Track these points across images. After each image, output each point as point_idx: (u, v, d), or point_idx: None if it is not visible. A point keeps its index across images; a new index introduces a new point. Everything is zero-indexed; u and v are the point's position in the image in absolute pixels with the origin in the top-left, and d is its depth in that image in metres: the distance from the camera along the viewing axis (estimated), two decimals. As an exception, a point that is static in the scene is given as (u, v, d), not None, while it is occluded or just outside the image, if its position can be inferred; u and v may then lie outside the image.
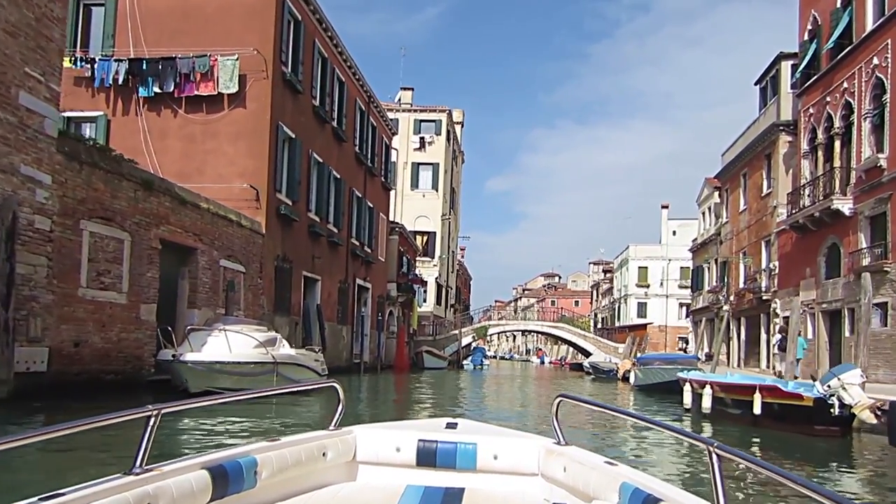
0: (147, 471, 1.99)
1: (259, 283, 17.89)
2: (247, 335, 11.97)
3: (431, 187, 46.75)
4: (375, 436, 2.92)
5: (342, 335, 25.71)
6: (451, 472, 2.84)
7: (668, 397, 19.25)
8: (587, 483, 2.46)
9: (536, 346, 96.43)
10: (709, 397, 12.57)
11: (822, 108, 23.94)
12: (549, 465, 2.75)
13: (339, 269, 25.16)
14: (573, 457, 2.65)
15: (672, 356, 24.07)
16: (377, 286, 31.01)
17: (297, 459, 2.57)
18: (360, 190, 27.71)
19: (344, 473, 2.88)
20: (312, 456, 2.66)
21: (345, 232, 25.60)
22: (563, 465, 2.64)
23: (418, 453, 2.83)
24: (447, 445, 2.84)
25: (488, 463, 2.83)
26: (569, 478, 2.59)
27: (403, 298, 35.96)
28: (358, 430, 2.96)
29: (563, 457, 2.69)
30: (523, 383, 31.05)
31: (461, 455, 2.82)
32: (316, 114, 22.07)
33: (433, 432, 2.92)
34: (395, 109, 47.21)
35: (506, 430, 3.21)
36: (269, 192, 18.36)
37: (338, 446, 2.80)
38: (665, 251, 61.23)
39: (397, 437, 2.89)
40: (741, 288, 32.03)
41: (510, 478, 2.84)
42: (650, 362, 22.26)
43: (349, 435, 2.90)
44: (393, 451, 2.86)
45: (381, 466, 2.90)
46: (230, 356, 11.48)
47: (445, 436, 2.89)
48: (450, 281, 53.81)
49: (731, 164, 33.69)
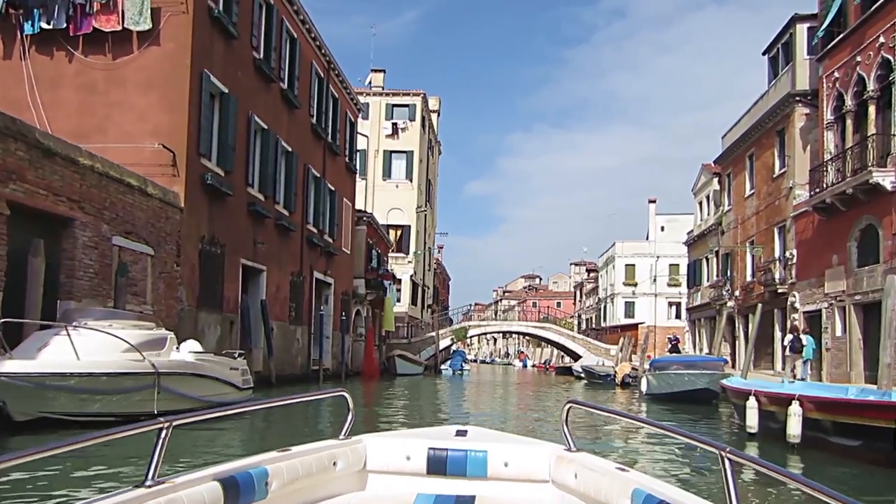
0: (158, 483, 1.99)
1: (175, 271, 14.07)
2: (112, 335, 8.17)
3: (405, 177, 43.03)
4: (385, 444, 2.92)
5: (296, 337, 21.92)
6: (462, 480, 2.83)
7: (692, 410, 15.73)
8: (598, 489, 2.44)
9: (518, 349, 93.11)
10: (798, 421, 8.86)
11: (851, 69, 20.70)
12: (559, 471, 2.73)
13: (291, 259, 21.37)
14: (584, 463, 2.63)
15: (692, 359, 20.45)
16: (341, 281, 27.24)
17: (307, 469, 2.57)
18: (318, 168, 23.94)
19: (354, 483, 2.88)
20: (323, 466, 2.66)
21: (299, 216, 21.82)
22: (574, 472, 2.63)
23: (429, 461, 2.83)
24: (457, 453, 2.83)
25: (499, 470, 2.82)
26: (580, 484, 2.58)
27: (373, 296, 32.19)
28: (368, 438, 2.96)
29: (573, 463, 2.67)
30: (507, 392, 27.41)
31: (472, 463, 2.82)
32: (258, 69, 18.29)
33: (443, 440, 2.92)
34: (365, 93, 43.47)
35: (516, 437, 3.26)
36: (189, 155, 14.56)
37: (348, 456, 2.80)
38: (653, 248, 58.23)
39: (407, 445, 2.89)
40: (749, 281, 28.77)
41: (521, 485, 2.83)
42: (666, 366, 18.63)
43: (359, 444, 2.89)
44: (403, 459, 2.86)
45: (391, 475, 2.89)
46: (76, 366, 7.67)
47: (455, 443, 2.89)
48: (426, 280, 50.11)
49: (735, 146, 30.45)
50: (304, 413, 12.30)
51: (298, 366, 22.06)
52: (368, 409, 15.21)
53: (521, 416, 15.68)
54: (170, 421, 2.03)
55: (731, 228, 31.18)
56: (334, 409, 13.00)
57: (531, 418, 14.83)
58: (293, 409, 11.56)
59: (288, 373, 20.93)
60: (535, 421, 14.17)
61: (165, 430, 2.01)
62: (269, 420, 10.92)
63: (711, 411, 15.98)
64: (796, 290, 23.78)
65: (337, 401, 3.00)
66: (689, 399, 16.63)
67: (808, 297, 22.96)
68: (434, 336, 40.34)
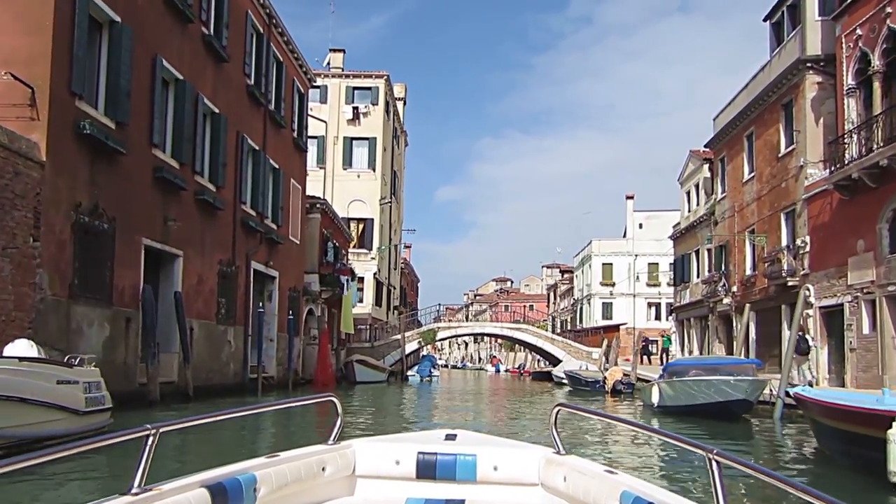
0: (146, 490, 1.97)
1: (31, 247, 10.32)
2: None
3: (368, 166, 39.42)
4: (375, 449, 2.89)
5: (227, 340, 18.19)
6: (452, 484, 2.81)
7: (726, 428, 12.36)
8: (587, 492, 2.42)
9: (490, 354, 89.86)
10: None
11: (879, 23, 17.76)
12: (549, 475, 2.71)
13: (219, 245, 17.66)
14: (573, 466, 2.61)
15: (716, 361, 16.90)
16: (289, 276, 23.55)
17: (296, 475, 2.54)
18: (257, 140, 20.27)
19: (343, 488, 2.84)
20: (311, 471, 2.63)
21: (230, 192, 18.14)
22: (564, 475, 2.60)
23: (418, 466, 2.80)
24: (447, 457, 2.81)
25: (488, 474, 2.80)
26: (569, 487, 2.55)
27: (329, 294, 28.50)
28: (357, 443, 2.93)
29: (563, 466, 2.65)
30: (480, 404, 23.92)
31: (461, 467, 2.79)
32: (168, 2, 14.59)
33: (432, 444, 2.89)
34: (323, 75, 39.82)
35: (505, 440, 3.22)
36: (55, 93, 10.84)
37: (337, 461, 2.76)
38: (631, 246, 55.55)
39: (397, 450, 2.86)
40: (749, 275, 25.79)
41: (510, 488, 2.82)
42: (683, 371, 15.09)
43: (348, 449, 2.86)
44: (392, 464, 2.83)
45: (380, 480, 2.86)
46: None
47: (445, 448, 2.86)
48: (392, 279, 46.50)
49: (730, 127, 27.51)
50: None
51: (231, 374, 18.34)
52: (301, 430, 11.62)
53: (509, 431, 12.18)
54: (157, 427, 2.02)
55: (726, 218, 28.22)
56: (249, 430, 9.51)
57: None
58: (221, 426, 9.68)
59: (216, 382, 17.24)
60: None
61: (152, 436, 2.01)
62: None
63: (746, 431, 12.70)
64: (810, 283, 20.76)
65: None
66: (716, 413, 13.25)
67: (826, 290, 19.95)
68: (400, 339, 36.70)
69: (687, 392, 14.38)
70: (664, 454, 8.82)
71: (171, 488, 2.01)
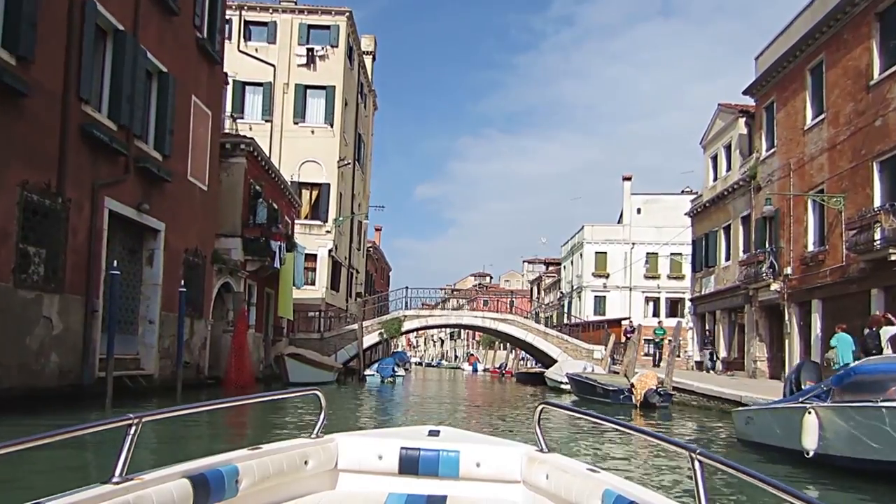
0: (127, 480, 1.95)
1: None
2: None
3: (325, 121, 32.54)
4: (357, 444, 2.88)
5: (43, 316, 11.31)
6: (434, 480, 2.79)
7: None
8: (569, 490, 2.40)
9: (468, 352, 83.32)
10: None
11: None
12: (531, 472, 2.70)
13: (24, 156, 10.77)
14: (556, 464, 2.59)
15: None
16: (185, 232, 16.72)
17: (278, 468, 2.52)
18: (126, 22, 13.39)
19: (325, 482, 2.82)
20: (294, 464, 2.61)
21: (55, 80, 11.29)
22: (546, 473, 2.59)
23: (401, 461, 2.78)
24: (430, 453, 2.79)
25: (471, 470, 2.78)
26: (551, 485, 2.53)
27: (257, 266, 21.63)
28: (340, 437, 2.91)
29: (545, 464, 2.63)
30: (453, 418, 17.17)
31: (444, 463, 2.77)
32: None
33: (416, 440, 2.87)
34: (271, 9, 32.88)
35: (488, 437, 3.18)
36: None
37: (319, 454, 2.75)
38: (627, 233, 49.37)
39: (379, 444, 2.84)
40: (812, 251, 19.41)
41: (493, 485, 2.80)
42: (876, 382, 7.36)
43: (331, 443, 2.84)
44: (375, 458, 2.81)
45: (362, 474, 2.84)
46: None
47: (428, 443, 2.85)
48: (355, 261, 39.65)
49: (784, 60, 21.11)
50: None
51: (49, 372, 11.47)
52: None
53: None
54: (139, 417, 1.99)
55: (776, 180, 21.80)
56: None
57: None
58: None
59: (16, 384, 10.43)
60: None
61: (135, 425, 1.98)
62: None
63: None
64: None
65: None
66: None
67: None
68: (357, 330, 29.83)
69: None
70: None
71: (152, 478, 2.01)
